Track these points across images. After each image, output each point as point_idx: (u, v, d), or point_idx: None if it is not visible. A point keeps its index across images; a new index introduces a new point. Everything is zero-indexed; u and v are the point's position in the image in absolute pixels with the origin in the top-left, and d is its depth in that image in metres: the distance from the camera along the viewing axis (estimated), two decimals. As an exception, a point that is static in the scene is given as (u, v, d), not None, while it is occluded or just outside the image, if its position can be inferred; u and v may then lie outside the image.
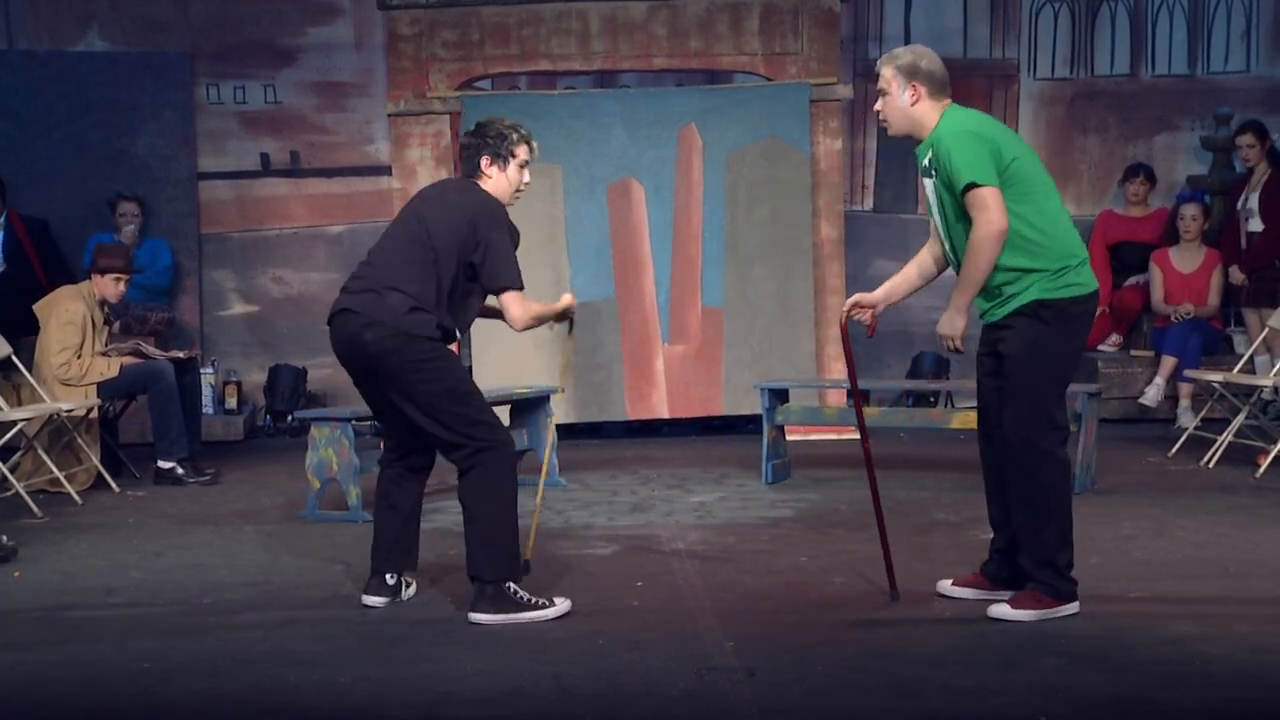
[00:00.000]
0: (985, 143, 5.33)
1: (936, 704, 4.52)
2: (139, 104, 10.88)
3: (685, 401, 10.27)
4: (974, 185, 5.25)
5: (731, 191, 10.24)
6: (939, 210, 5.47)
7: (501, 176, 5.69)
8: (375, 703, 4.61)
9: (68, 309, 8.65)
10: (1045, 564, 5.41)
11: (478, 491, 5.50)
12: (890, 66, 5.50)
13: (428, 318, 5.50)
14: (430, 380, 5.50)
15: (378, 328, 5.51)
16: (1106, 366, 10.51)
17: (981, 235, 5.25)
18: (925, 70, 5.46)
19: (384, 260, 5.64)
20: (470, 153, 5.71)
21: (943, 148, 5.33)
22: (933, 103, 5.46)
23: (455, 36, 10.35)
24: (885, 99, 5.52)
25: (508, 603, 5.46)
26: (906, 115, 5.49)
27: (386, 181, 10.75)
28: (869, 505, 7.75)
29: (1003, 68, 11.40)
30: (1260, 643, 5.09)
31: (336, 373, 11.33)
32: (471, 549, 5.50)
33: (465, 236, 5.53)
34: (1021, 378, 5.38)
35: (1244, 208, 10.34)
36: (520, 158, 5.70)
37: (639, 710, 4.54)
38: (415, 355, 5.49)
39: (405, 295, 5.50)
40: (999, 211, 5.25)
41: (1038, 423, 5.39)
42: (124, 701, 4.71)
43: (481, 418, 5.53)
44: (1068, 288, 5.38)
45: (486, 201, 5.63)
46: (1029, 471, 5.40)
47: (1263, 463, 8.38)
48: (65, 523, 7.67)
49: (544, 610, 5.48)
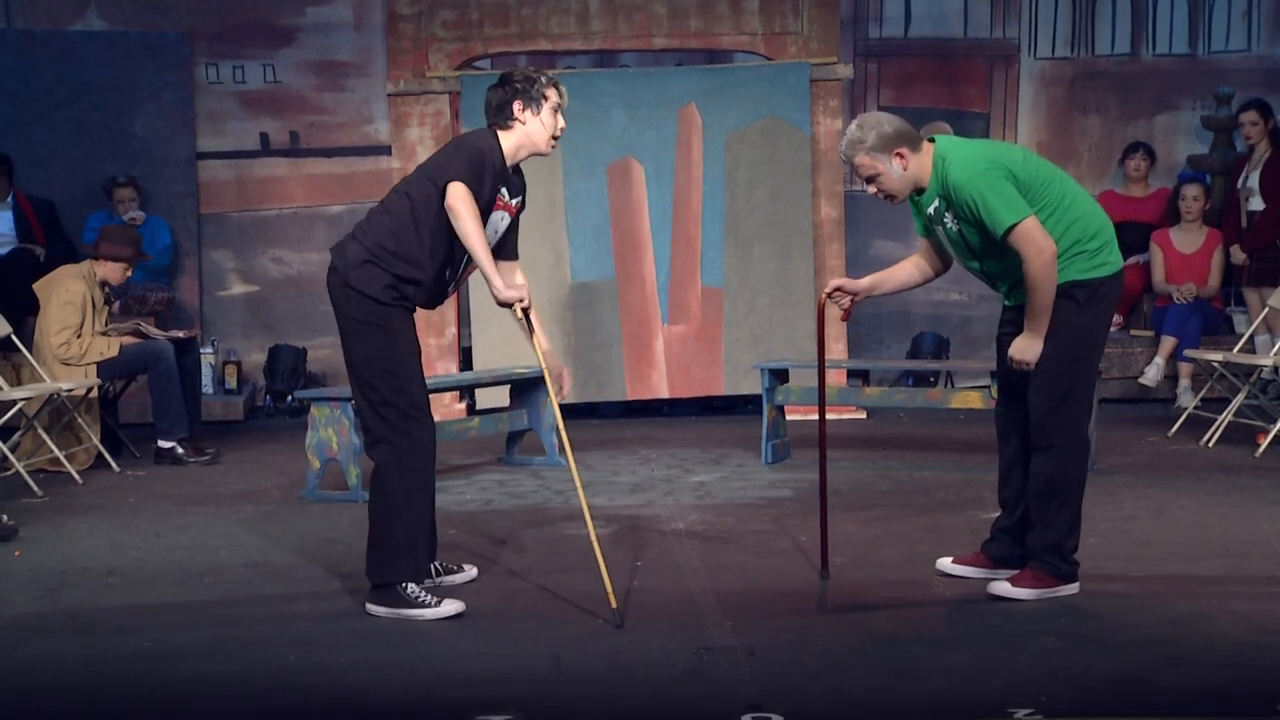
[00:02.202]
0: (1002, 172, 5.29)
1: (936, 684, 4.53)
2: (138, 84, 10.87)
3: (685, 382, 10.27)
4: (1015, 224, 5.22)
5: (731, 172, 10.23)
6: (960, 248, 5.45)
7: (536, 121, 5.44)
8: (375, 684, 4.62)
9: (68, 289, 8.64)
10: (1053, 546, 5.42)
11: (372, 490, 5.44)
12: (862, 153, 5.40)
13: (378, 273, 5.31)
14: (360, 343, 5.36)
15: (332, 275, 5.43)
16: (1107, 346, 10.46)
17: (1039, 266, 5.22)
18: (893, 133, 5.38)
19: (371, 213, 5.53)
20: (499, 103, 5.46)
21: (965, 195, 5.28)
22: (917, 154, 5.40)
23: (454, 16, 10.32)
24: (879, 180, 5.43)
25: (396, 599, 5.33)
26: (906, 180, 5.43)
27: (386, 161, 10.73)
28: (869, 486, 7.77)
29: (1003, 48, 11.38)
30: (1260, 622, 5.10)
31: (336, 353, 11.35)
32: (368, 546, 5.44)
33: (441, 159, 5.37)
34: (1056, 359, 5.35)
35: (1244, 187, 10.33)
36: (552, 100, 5.47)
37: (638, 690, 4.54)
38: (354, 312, 5.35)
39: (362, 246, 5.36)
40: (1045, 237, 5.23)
41: (1070, 404, 5.39)
42: (124, 681, 4.72)
43: (395, 400, 5.31)
44: (1101, 267, 5.38)
45: (473, 135, 5.45)
46: (1055, 453, 5.39)
47: (1263, 442, 8.38)
48: (65, 502, 7.68)
49: (430, 610, 5.30)
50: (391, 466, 5.35)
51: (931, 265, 5.70)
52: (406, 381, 5.36)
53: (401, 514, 5.35)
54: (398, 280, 5.35)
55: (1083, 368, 5.44)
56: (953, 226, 5.40)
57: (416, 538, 5.40)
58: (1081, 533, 5.51)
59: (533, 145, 5.48)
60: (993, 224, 5.25)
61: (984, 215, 5.26)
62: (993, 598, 5.41)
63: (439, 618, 5.30)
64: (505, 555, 6.29)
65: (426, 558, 5.53)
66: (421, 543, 5.44)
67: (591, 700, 4.47)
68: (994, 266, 5.45)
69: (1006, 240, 5.26)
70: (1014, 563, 5.59)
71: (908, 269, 5.76)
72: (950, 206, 5.36)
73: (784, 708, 4.30)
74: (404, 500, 5.35)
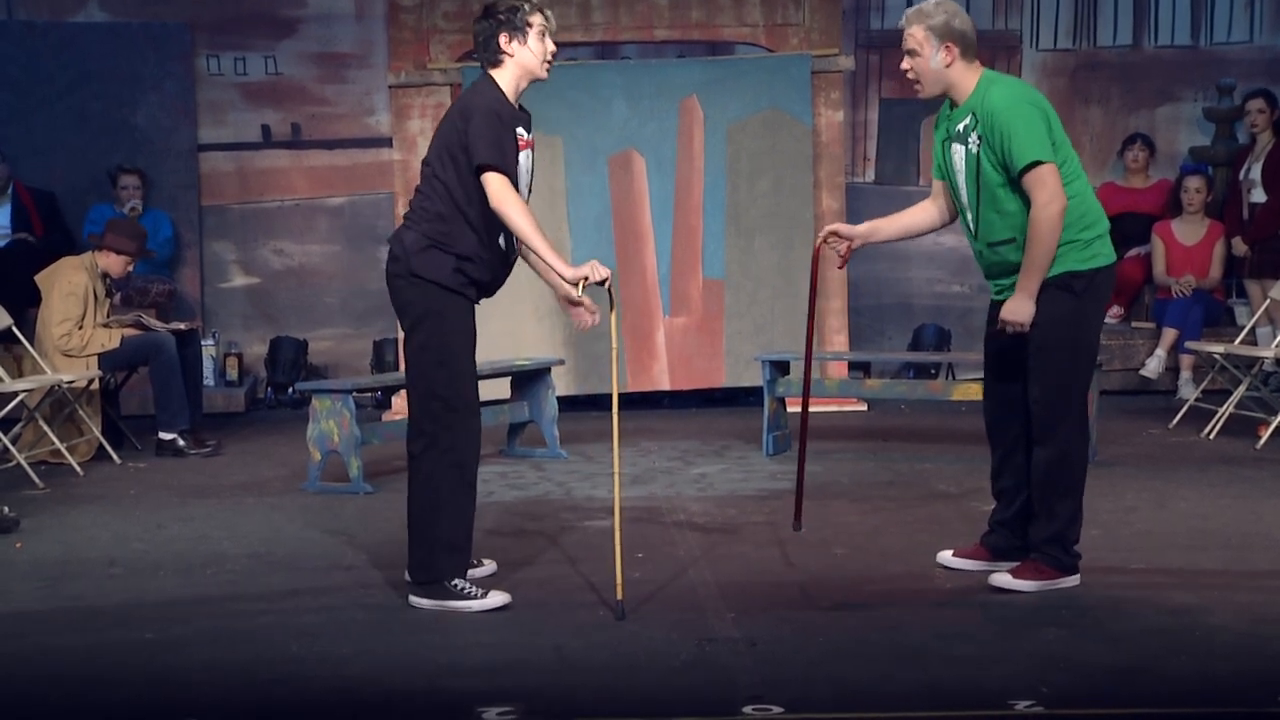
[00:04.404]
0: (1042, 116, 5.22)
1: (938, 674, 4.53)
2: (139, 75, 10.86)
3: (686, 373, 10.27)
4: (1038, 163, 5.14)
5: (733, 163, 10.22)
6: (970, 181, 5.34)
7: (524, 50, 5.33)
8: (377, 674, 4.62)
9: (70, 280, 8.64)
10: (1055, 538, 5.41)
11: (411, 486, 5.36)
12: (921, 26, 5.31)
13: (441, 257, 5.25)
14: (419, 331, 5.30)
15: (394, 264, 5.35)
16: (1108, 338, 10.48)
17: (1046, 215, 5.15)
18: (958, 30, 5.31)
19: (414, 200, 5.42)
20: (485, 38, 5.33)
21: (1000, 121, 5.19)
22: (966, 64, 5.32)
23: (456, 7, 10.30)
24: (916, 60, 5.34)
25: (442, 592, 5.31)
26: (941, 77, 5.33)
27: (387, 153, 10.73)
28: (870, 477, 7.77)
29: (1005, 39, 11.36)
30: (1261, 613, 5.10)
31: (337, 344, 11.42)
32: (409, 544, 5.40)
33: (454, 131, 5.25)
34: (1055, 351, 5.32)
35: (1246, 178, 10.32)
36: (537, 25, 5.34)
37: (640, 681, 4.55)
38: (418, 300, 5.28)
39: (418, 233, 5.28)
40: (1059, 189, 5.16)
41: (1070, 396, 5.37)
42: (126, 672, 4.72)
43: (444, 393, 5.27)
44: (1096, 258, 5.33)
45: (474, 94, 5.31)
46: (1057, 444, 5.36)
47: (1264, 434, 8.37)
48: (67, 494, 7.68)
49: (477, 602, 5.29)
50: (431, 461, 5.29)
51: (939, 210, 5.61)
52: (459, 376, 5.32)
53: (443, 511, 5.29)
54: (461, 260, 5.28)
55: (1081, 359, 5.41)
56: (974, 149, 5.29)
57: (459, 535, 5.34)
58: (1083, 524, 5.51)
59: (529, 74, 5.37)
60: (1018, 155, 5.15)
61: (1011, 145, 5.16)
62: (994, 589, 5.42)
63: (485, 609, 5.27)
64: (507, 547, 6.29)
65: (469, 555, 5.46)
66: (465, 540, 5.37)
67: (593, 691, 4.47)
68: (988, 215, 5.32)
69: (1023, 178, 5.16)
70: (1014, 555, 5.59)
71: (914, 213, 5.69)
72: (979, 127, 5.26)
73: (785, 698, 4.30)
74: (446, 498, 5.29)
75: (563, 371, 9.60)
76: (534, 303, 9.86)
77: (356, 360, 11.12)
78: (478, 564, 5.78)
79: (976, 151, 5.30)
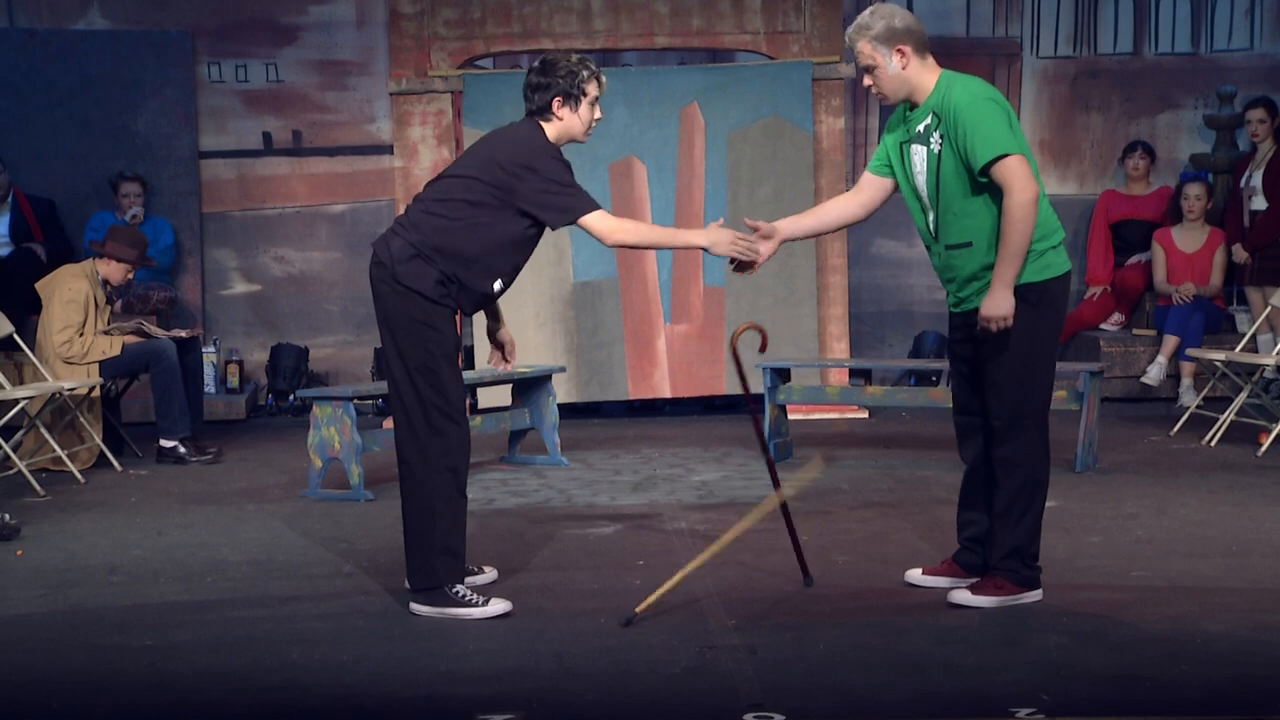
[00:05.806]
0: (1004, 113, 5.19)
1: (939, 682, 4.53)
2: (140, 82, 10.87)
3: (687, 380, 10.27)
4: (1004, 155, 5.10)
5: (734, 170, 10.23)
6: (931, 182, 5.27)
7: (573, 117, 5.47)
8: (378, 681, 4.62)
9: (70, 287, 8.64)
10: (1015, 552, 5.32)
11: (404, 494, 5.39)
12: (865, 40, 5.31)
13: (427, 270, 5.29)
14: (403, 339, 5.31)
15: (377, 269, 5.38)
16: (1108, 345, 10.50)
17: (1020, 203, 5.08)
18: (902, 29, 5.29)
19: (414, 203, 5.47)
20: (540, 93, 5.46)
21: (963, 118, 5.15)
22: (921, 61, 5.29)
23: (457, 15, 10.31)
24: (875, 74, 5.33)
25: (442, 599, 5.32)
26: (902, 82, 5.31)
27: (388, 160, 10.73)
28: (871, 484, 7.77)
29: (1005, 46, 11.37)
30: (1262, 620, 5.10)
31: (338, 352, 11.43)
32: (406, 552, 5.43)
33: (509, 179, 5.32)
34: (1015, 363, 5.24)
35: (1247, 185, 10.32)
36: (591, 94, 5.50)
37: (641, 688, 4.55)
38: (401, 308, 5.30)
39: (407, 242, 5.31)
40: (1030, 178, 5.10)
41: (1032, 406, 5.30)
42: (127, 679, 4.72)
43: (432, 399, 5.29)
44: (1049, 268, 5.26)
45: (529, 140, 5.42)
46: (1019, 456, 5.29)
47: (1265, 441, 8.37)
48: (68, 501, 7.68)
49: (478, 609, 5.30)
50: (420, 468, 5.32)
51: (860, 204, 5.56)
52: (446, 382, 5.33)
53: (439, 517, 5.32)
54: (445, 278, 5.32)
55: (1039, 369, 5.32)
56: (935, 149, 5.23)
57: (455, 540, 5.36)
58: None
59: (570, 137, 5.53)
60: (983, 150, 5.10)
61: (976, 140, 5.11)
62: (953, 605, 5.32)
63: (487, 617, 5.28)
64: (507, 554, 6.28)
65: (464, 559, 5.47)
66: (460, 544, 5.39)
67: (594, 698, 4.47)
68: (948, 217, 5.25)
69: (992, 170, 5.10)
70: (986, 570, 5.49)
71: (835, 206, 5.73)
72: (941, 126, 5.23)
73: (786, 705, 4.30)
74: (441, 503, 5.32)
75: (564, 379, 9.61)
76: (535, 310, 9.86)
77: (357, 367, 11.12)
78: (478, 571, 5.78)
79: (938, 151, 5.25)
